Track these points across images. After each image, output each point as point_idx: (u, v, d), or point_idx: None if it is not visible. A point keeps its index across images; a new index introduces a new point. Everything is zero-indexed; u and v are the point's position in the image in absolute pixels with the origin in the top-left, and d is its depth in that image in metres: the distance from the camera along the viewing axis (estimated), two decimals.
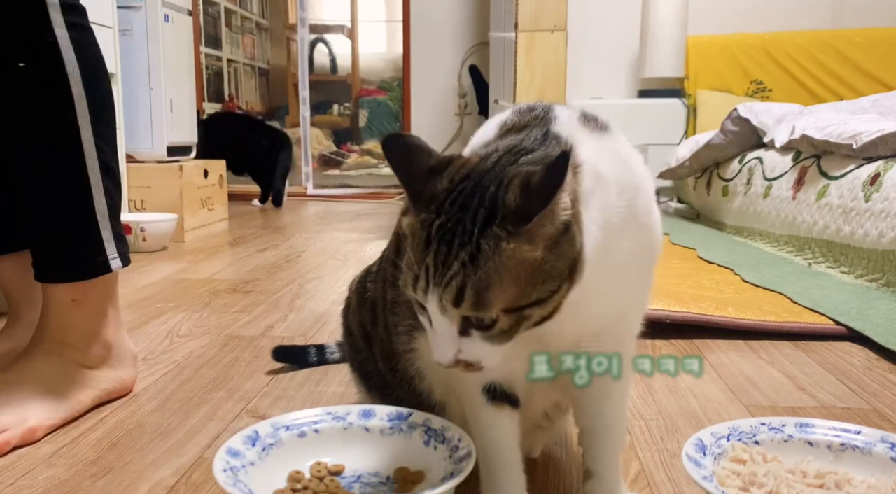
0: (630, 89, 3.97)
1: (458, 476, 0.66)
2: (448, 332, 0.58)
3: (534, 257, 0.55)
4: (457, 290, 0.55)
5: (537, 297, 0.56)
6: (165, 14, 2.72)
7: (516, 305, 0.56)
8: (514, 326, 0.58)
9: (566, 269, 0.57)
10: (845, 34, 3.64)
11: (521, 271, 0.55)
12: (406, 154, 0.60)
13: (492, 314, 0.56)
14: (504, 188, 0.56)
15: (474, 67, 4.15)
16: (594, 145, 0.62)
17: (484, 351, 0.59)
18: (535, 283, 0.56)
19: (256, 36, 6.27)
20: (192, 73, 3.02)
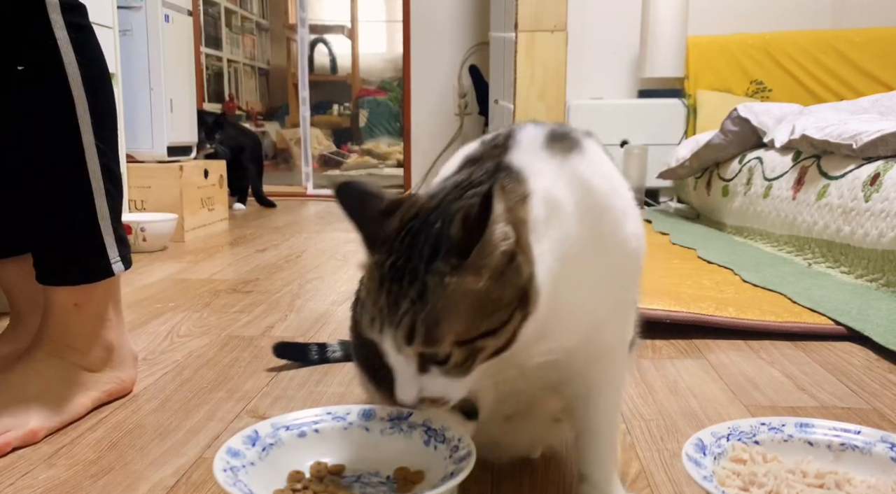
0: (630, 89, 3.97)
1: (458, 476, 0.66)
2: (408, 371, 0.59)
3: (478, 288, 0.55)
4: (408, 328, 0.56)
5: (487, 328, 0.57)
6: (165, 14, 2.72)
7: (467, 337, 0.57)
8: (469, 359, 0.58)
9: (514, 298, 0.57)
10: (845, 34, 3.64)
11: (467, 303, 0.56)
12: (358, 200, 0.62)
13: (444, 349, 0.57)
14: (448, 223, 0.56)
15: (474, 67, 4.16)
16: (552, 172, 0.62)
17: (446, 386, 0.59)
18: (483, 315, 0.56)
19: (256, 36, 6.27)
20: (192, 74, 3.02)
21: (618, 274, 0.67)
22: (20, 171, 1.00)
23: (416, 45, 4.18)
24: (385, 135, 6.13)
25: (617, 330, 0.71)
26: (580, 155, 0.65)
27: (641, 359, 1.29)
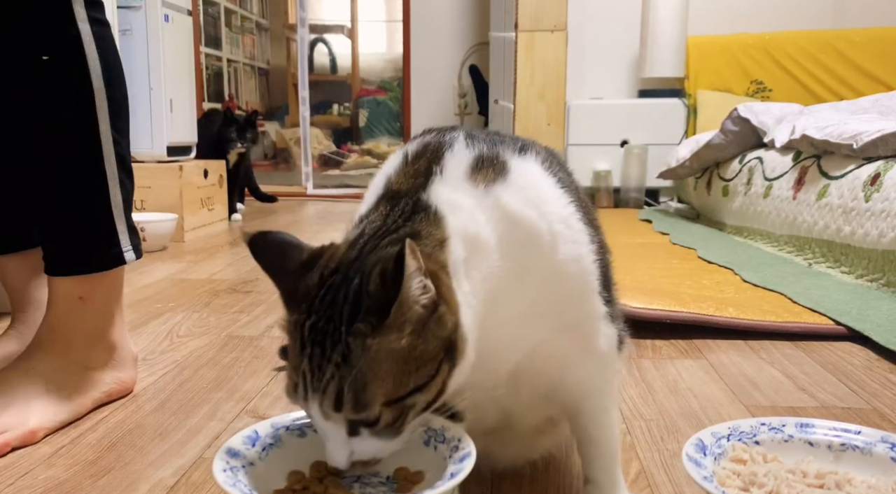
0: (630, 89, 3.97)
1: (458, 476, 0.66)
2: (337, 436, 0.57)
3: (401, 346, 0.53)
4: (334, 395, 0.54)
5: (415, 384, 0.55)
6: (165, 14, 2.72)
7: (396, 396, 0.55)
8: (400, 418, 0.56)
9: (440, 350, 0.55)
10: (845, 34, 3.64)
11: (392, 363, 0.54)
12: (275, 252, 0.58)
13: (373, 412, 0.55)
14: (366, 279, 0.54)
15: (474, 67, 4.16)
16: (473, 205, 0.59)
17: (377, 446, 0.57)
18: (409, 371, 0.54)
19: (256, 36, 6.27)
20: (191, 73, 3.02)
21: (554, 301, 0.65)
22: (35, 159, 1.00)
23: (416, 44, 4.19)
24: (385, 134, 6.13)
25: (568, 345, 0.68)
26: (504, 182, 0.62)
27: (641, 359, 1.29)
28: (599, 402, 0.73)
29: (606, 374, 0.72)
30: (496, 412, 0.73)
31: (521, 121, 3.40)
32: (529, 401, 0.71)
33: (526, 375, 0.67)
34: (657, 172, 3.38)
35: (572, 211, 0.65)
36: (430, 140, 0.66)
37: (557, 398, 0.71)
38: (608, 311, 0.70)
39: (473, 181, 0.61)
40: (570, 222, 0.65)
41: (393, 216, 0.59)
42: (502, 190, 0.61)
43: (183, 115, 2.92)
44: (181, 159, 2.86)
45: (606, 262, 0.71)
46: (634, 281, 1.78)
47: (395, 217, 0.59)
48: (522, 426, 0.76)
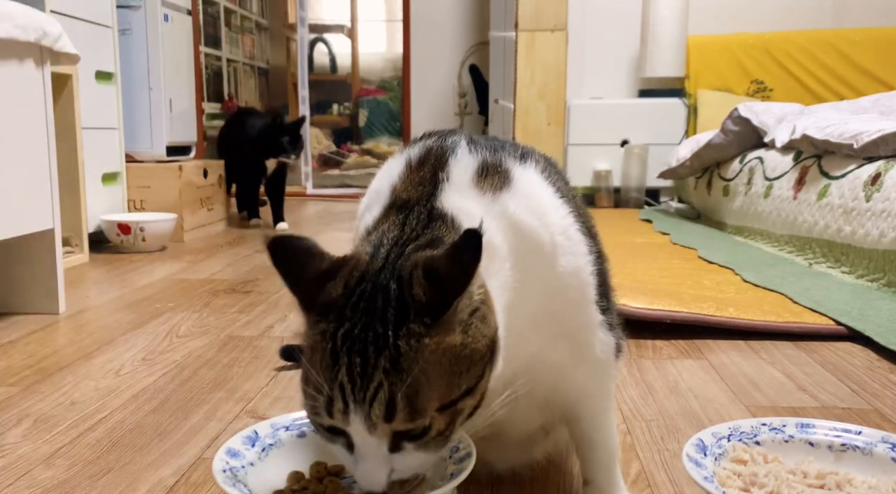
0: (630, 89, 3.96)
1: (458, 476, 0.66)
2: (378, 454, 0.53)
3: (455, 344, 0.52)
4: (385, 403, 0.50)
5: (466, 386, 0.53)
6: (165, 14, 2.71)
7: (449, 400, 0.53)
8: (450, 425, 0.54)
9: (486, 350, 0.54)
10: (846, 34, 3.64)
11: (446, 363, 0.52)
12: (294, 259, 0.56)
13: (427, 419, 0.52)
14: (407, 283, 0.52)
15: (474, 67, 4.15)
16: (483, 214, 0.58)
17: (420, 460, 0.54)
18: (461, 372, 0.53)
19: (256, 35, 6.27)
20: (191, 73, 3.02)
21: (552, 312, 0.65)
22: None
23: (416, 44, 4.18)
24: (385, 134, 6.12)
25: (564, 353, 0.68)
26: (509, 191, 0.61)
27: (642, 359, 1.29)
28: (597, 405, 0.73)
29: (603, 379, 0.72)
30: (486, 419, 0.73)
31: (522, 120, 3.40)
32: (525, 410, 0.70)
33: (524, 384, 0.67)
34: (657, 172, 3.38)
35: (571, 221, 0.65)
36: (432, 145, 0.66)
37: (555, 403, 0.71)
38: (605, 320, 0.70)
39: (480, 188, 0.61)
40: (570, 233, 0.65)
41: (410, 225, 0.58)
42: (508, 198, 0.61)
43: (183, 115, 2.92)
44: (181, 159, 2.86)
45: (604, 271, 0.71)
46: (635, 281, 1.78)
47: (412, 225, 0.58)
48: (514, 434, 0.76)
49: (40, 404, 1.07)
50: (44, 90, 1.59)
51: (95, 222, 2.36)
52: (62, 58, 1.68)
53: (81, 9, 2.25)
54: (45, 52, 1.59)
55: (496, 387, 0.65)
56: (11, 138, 1.49)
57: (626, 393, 1.12)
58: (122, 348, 1.35)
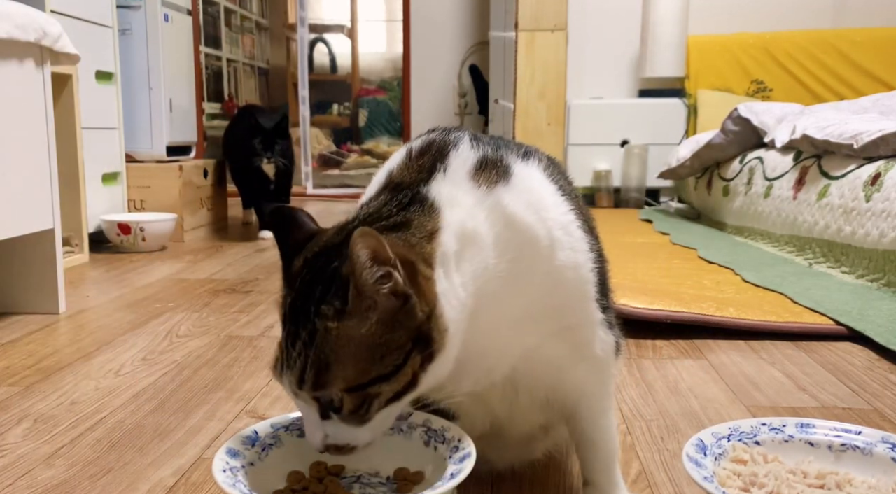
0: (630, 89, 3.96)
1: (458, 476, 0.66)
2: (311, 416, 0.58)
3: (362, 333, 0.54)
4: (299, 372, 0.55)
5: (378, 373, 0.55)
6: (165, 14, 2.71)
7: (356, 383, 0.55)
8: (363, 406, 0.56)
9: (408, 341, 0.55)
10: (846, 34, 3.64)
11: (353, 349, 0.54)
12: (285, 228, 0.61)
13: (331, 394, 0.55)
14: (343, 263, 0.54)
15: (474, 67, 4.15)
16: (473, 203, 0.60)
17: (349, 433, 0.58)
18: (372, 359, 0.54)
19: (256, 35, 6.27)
20: (191, 73, 3.02)
21: (551, 307, 0.65)
22: None
23: (416, 44, 4.18)
24: (385, 134, 6.12)
25: (564, 350, 0.68)
26: (506, 185, 0.62)
27: (642, 359, 1.29)
28: (597, 405, 0.73)
29: (603, 378, 0.73)
30: (486, 418, 0.73)
31: (522, 120, 3.40)
32: (526, 408, 0.71)
33: (524, 380, 0.67)
34: (657, 172, 3.38)
35: (572, 218, 0.66)
36: (436, 138, 0.66)
37: (555, 401, 0.71)
38: (605, 318, 0.70)
39: (476, 181, 0.62)
40: (570, 229, 0.65)
41: (389, 205, 0.60)
42: (504, 192, 0.62)
43: (183, 115, 2.92)
44: (181, 159, 2.86)
45: (604, 270, 0.72)
46: (635, 281, 1.78)
47: (391, 206, 0.60)
48: (514, 433, 0.76)
49: (40, 404, 1.07)
50: (44, 90, 1.59)
51: (95, 222, 2.36)
52: (62, 58, 1.69)
53: (81, 9, 2.25)
54: (45, 52, 1.59)
55: (494, 380, 0.65)
56: (11, 138, 1.49)
57: (626, 392, 1.12)
58: (122, 348, 1.35)
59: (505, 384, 0.67)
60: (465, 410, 0.71)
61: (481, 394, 0.68)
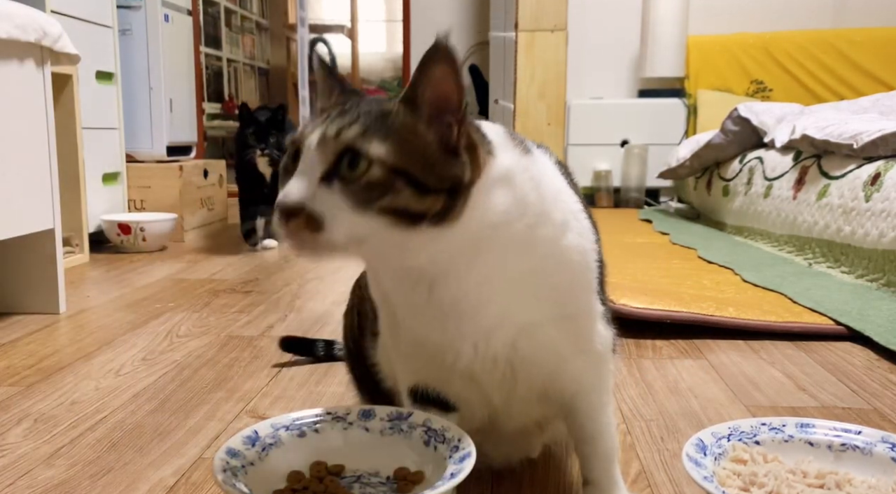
0: (630, 89, 3.97)
1: (458, 476, 0.66)
2: (308, 172, 0.57)
3: (424, 138, 0.58)
4: (346, 122, 0.57)
5: (414, 172, 0.56)
6: (165, 14, 2.72)
7: (394, 163, 0.56)
8: (379, 188, 0.55)
9: (448, 181, 0.58)
10: (846, 34, 3.64)
11: (411, 141, 0.57)
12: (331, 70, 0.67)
13: (366, 150, 0.56)
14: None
15: (474, 67, 4.15)
16: (513, 159, 0.64)
17: (334, 207, 0.55)
18: (414, 158, 0.57)
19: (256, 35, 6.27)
20: (191, 73, 3.02)
21: (554, 287, 0.66)
22: None
23: (416, 44, 4.18)
24: None
25: (564, 338, 0.68)
26: (532, 158, 0.66)
27: (641, 359, 1.29)
28: (596, 400, 0.73)
29: (601, 373, 0.73)
30: (484, 409, 0.73)
31: (521, 120, 3.40)
32: (524, 399, 0.71)
33: (523, 365, 0.67)
34: (657, 172, 3.38)
35: (581, 208, 0.69)
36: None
37: (553, 393, 0.71)
38: (605, 312, 0.71)
39: (512, 143, 0.66)
40: (579, 217, 0.68)
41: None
42: (531, 162, 0.66)
43: (183, 115, 2.92)
44: (181, 159, 2.86)
45: (603, 268, 0.73)
46: (635, 281, 1.78)
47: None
48: (511, 426, 0.76)
49: (40, 404, 1.07)
50: (44, 90, 1.59)
51: (96, 222, 2.36)
52: (62, 58, 1.69)
53: (82, 9, 2.25)
54: (45, 52, 1.59)
55: (496, 358, 0.66)
56: (12, 138, 1.49)
57: (626, 392, 1.12)
58: (122, 348, 1.35)
59: (504, 367, 0.67)
60: (465, 399, 0.72)
61: (480, 380, 0.68)
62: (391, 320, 0.71)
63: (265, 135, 2.37)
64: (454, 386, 0.70)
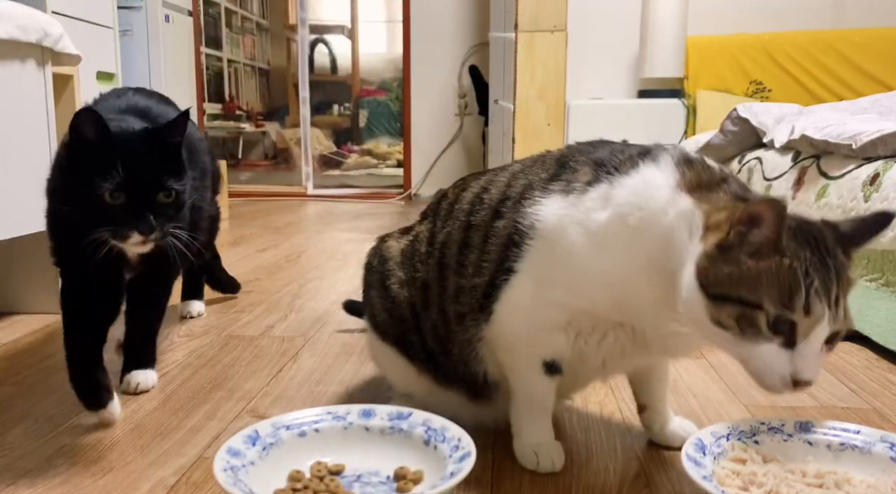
0: (630, 89, 3.97)
1: (458, 476, 0.66)
2: (819, 351, 0.68)
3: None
4: (843, 306, 0.68)
5: None
6: (166, 14, 2.72)
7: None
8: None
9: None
10: (845, 34, 3.64)
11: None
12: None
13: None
14: (831, 228, 0.72)
15: (474, 67, 4.15)
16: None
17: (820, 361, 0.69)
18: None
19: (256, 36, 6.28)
20: (192, 74, 3.02)
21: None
22: None
23: (416, 45, 4.18)
24: (385, 135, 6.13)
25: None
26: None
27: None
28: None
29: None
30: (595, 376, 0.92)
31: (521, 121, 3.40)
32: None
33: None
34: None
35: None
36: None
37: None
38: None
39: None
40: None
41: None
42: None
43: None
44: None
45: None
46: None
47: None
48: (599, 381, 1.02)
49: (41, 404, 1.07)
50: (45, 90, 1.60)
51: None
52: (63, 58, 1.69)
53: (82, 9, 2.25)
54: (46, 52, 1.59)
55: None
56: (13, 138, 1.49)
57: (625, 392, 1.12)
58: None
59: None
60: (588, 370, 0.87)
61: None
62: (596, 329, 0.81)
63: (145, 190, 0.96)
64: (593, 367, 0.85)
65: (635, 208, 0.74)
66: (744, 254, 0.67)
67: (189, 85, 2.99)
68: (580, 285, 0.77)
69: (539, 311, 0.80)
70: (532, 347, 0.83)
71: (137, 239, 0.93)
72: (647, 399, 0.93)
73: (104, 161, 0.92)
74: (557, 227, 0.77)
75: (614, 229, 0.75)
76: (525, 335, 0.82)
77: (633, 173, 0.76)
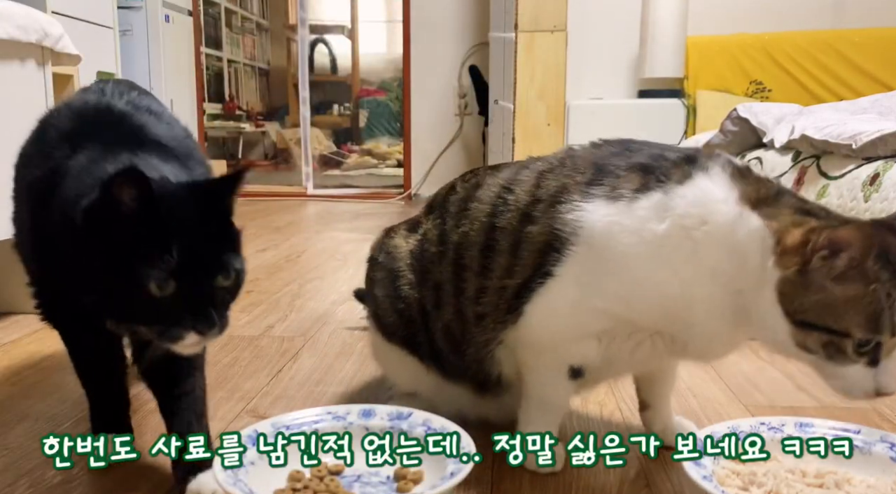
0: (630, 89, 3.97)
1: (458, 476, 0.66)
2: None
3: None
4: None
5: None
6: (166, 14, 2.72)
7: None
8: None
9: None
10: (845, 34, 3.64)
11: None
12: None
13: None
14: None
15: (474, 67, 4.15)
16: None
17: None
18: None
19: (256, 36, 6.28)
20: (192, 74, 3.02)
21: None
22: None
23: (416, 45, 4.18)
24: (385, 135, 6.13)
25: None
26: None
27: None
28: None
29: None
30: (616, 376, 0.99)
31: (521, 121, 3.40)
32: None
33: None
34: None
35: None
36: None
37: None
38: None
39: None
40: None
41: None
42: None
43: (183, 116, 2.92)
44: None
45: None
46: None
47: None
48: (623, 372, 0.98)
49: (41, 404, 1.07)
50: (45, 90, 1.60)
51: None
52: (63, 58, 1.69)
53: (82, 9, 2.25)
54: (46, 52, 1.59)
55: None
56: (12, 139, 1.49)
57: (625, 392, 1.12)
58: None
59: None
60: (609, 374, 0.91)
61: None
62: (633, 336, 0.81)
63: (202, 275, 0.81)
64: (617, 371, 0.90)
65: (699, 221, 0.72)
66: (828, 281, 0.67)
67: (189, 85, 2.99)
68: (631, 295, 0.76)
69: (577, 318, 0.79)
70: (561, 352, 0.82)
71: (194, 339, 0.71)
72: (652, 398, 0.93)
73: (149, 239, 0.67)
74: (606, 235, 0.75)
75: (675, 241, 0.73)
76: (557, 339, 0.82)
77: (687, 183, 0.74)
